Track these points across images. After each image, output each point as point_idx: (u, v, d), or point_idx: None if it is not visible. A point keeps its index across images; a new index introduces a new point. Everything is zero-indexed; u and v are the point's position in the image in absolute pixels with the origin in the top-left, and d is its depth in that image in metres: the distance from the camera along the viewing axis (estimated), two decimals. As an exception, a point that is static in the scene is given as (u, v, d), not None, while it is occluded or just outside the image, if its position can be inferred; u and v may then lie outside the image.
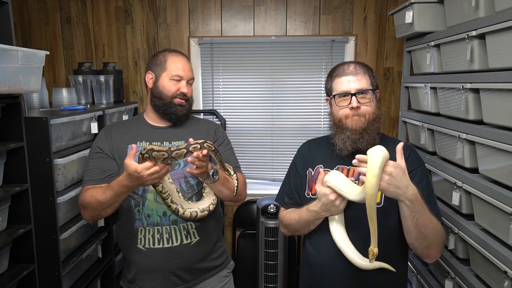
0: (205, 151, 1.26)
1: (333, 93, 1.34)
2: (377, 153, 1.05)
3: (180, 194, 1.45)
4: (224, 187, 1.45)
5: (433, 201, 1.25)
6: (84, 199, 1.44)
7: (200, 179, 1.40)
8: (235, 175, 1.50)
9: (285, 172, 1.53)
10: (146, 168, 1.22)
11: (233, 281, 1.71)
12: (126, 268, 1.58)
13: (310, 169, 1.42)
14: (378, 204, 1.25)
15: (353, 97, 1.29)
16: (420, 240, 1.15)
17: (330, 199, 1.18)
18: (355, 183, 1.24)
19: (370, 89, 1.30)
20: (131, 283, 1.54)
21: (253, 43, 2.68)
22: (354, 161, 1.12)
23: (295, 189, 1.44)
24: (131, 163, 1.23)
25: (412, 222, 1.13)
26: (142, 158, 1.23)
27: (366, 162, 1.08)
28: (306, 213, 1.30)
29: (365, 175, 1.07)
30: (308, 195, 1.39)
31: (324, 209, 1.22)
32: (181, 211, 1.43)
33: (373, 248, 1.11)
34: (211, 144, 1.30)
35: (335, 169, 1.35)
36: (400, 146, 1.11)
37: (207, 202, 1.48)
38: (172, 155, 1.23)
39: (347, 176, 1.31)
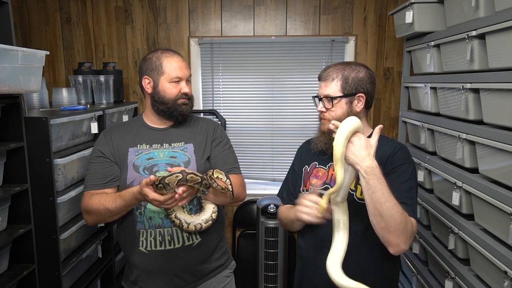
0: (180, 190, 1.29)
1: None
2: (347, 120, 1.16)
3: (184, 209, 1.45)
4: (218, 196, 1.46)
5: (410, 197, 1.25)
6: (90, 205, 1.43)
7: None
8: (228, 180, 1.46)
9: (285, 172, 1.58)
10: (155, 199, 1.27)
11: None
12: (128, 269, 1.58)
13: (306, 166, 1.46)
14: (361, 200, 1.27)
15: (320, 102, 1.37)
16: (376, 217, 1.16)
17: (305, 203, 1.24)
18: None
19: (334, 97, 1.32)
20: (134, 284, 1.54)
21: (253, 43, 2.68)
22: (330, 126, 1.20)
23: (292, 185, 1.50)
24: (146, 189, 1.28)
25: (367, 196, 1.16)
26: (156, 188, 1.26)
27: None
28: (292, 211, 1.36)
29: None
30: (303, 190, 1.42)
31: (300, 210, 1.27)
32: (185, 225, 1.42)
33: (323, 203, 1.17)
34: (194, 175, 1.32)
35: (328, 166, 1.40)
36: (377, 127, 1.20)
37: (208, 212, 1.47)
38: (187, 178, 1.29)
39: None
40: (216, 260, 1.58)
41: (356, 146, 1.15)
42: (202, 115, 2.71)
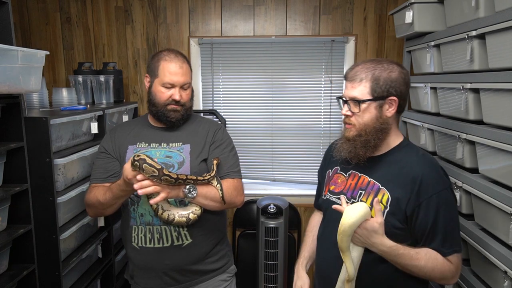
0: (139, 177, 1.26)
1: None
2: (351, 214, 1.12)
3: (170, 203, 1.45)
4: (208, 200, 1.42)
5: (450, 231, 1.16)
6: (88, 198, 1.49)
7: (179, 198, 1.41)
8: (219, 185, 1.44)
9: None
10: (134, 176, 1.26)
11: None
12: (128, 263, 1.63)
13: (329, 169, 1.40)
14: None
15: (345, 104, 1.23)
16: (411, 272, 1.17)
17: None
18: (361, 192, 1.25)
19: (362, 100, 1.18)
20: (131, 278, 1.61)
21: (253, 43, 2.68)
22: (335, 207, 1.19)
23: (318, 192, 1.49)
24: (127, 167, 1.27)
25: (392, 262, 1.17)
26: (132, 164, 1.25)
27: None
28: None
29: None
30: (325, 196, 1.36)
31: None
32: (171, 217, 1.40)
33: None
34: (169, 178, 1.29)
35: (348, 174, 1.32)
36: (377, 208, 1.14)
37: (193, 206, 1.44)
38: (162, 178, 1.27)
39: (357, 183, 1.28)
40: (212, 263, 1.57)
41: (362, 236, 1.13)
42: (202, 115, 2.71)
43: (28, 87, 1.42)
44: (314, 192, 1.55)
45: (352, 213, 1.11)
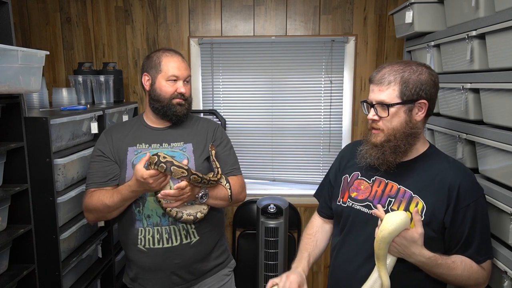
0: (183, 183, 1.33)
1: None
2: (394, 220, 1.08)
3: None
4: (217, 200, 1.49)
5: (484, 239, 1.16)
6: (90, 203, 1.46)
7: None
8: (228, 184, 1.51)
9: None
10: (150, 176, 1.28)
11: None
12: (127, 266, 1.60)
13: (347, 175, 1.33)
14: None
15: (372, 108, 1.18)
16: (445, 281, 1.16)
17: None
18: (391, 200, 1.21)
19: (391, 104, 1.14)
20: (133, 281, 1.56)
21: (253, 43, 2.68)
22: (373, 212, 1.15)
23: (328, 196, 1.43)
24: (140, 168, 1.29)
25: (427, 272, 1.14)
26: (157, 166, 1.28)
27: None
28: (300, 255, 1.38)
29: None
30: (340, 202, 1.30)
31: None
32: (179, 214, 1.43)
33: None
34: (197, 176, 1.36)
35: (372, 180, 1.27)
36: (415, 211, 1.11)
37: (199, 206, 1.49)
38: (191, 178, 1.33)
39: (384, 190, 1.23)
40: (215, 259, 1.59)
41: (400, 246, 1.09)
42: (202, 115, 2.71)
43: (28, 87, 1.42)
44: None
45: (393, 220, 1.07)
